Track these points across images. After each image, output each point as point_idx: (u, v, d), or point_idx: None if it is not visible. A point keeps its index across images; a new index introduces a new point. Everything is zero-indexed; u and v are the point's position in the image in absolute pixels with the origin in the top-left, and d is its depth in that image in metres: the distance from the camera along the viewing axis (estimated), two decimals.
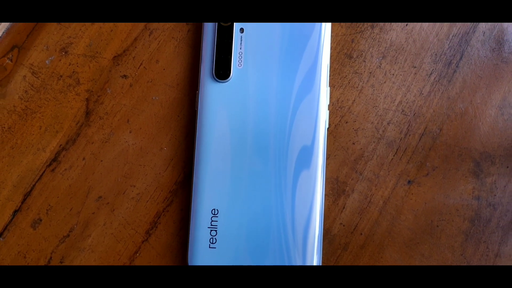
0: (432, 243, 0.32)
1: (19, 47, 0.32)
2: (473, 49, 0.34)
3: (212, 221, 0.31)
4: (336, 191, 0.32)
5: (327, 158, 0.32)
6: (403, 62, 0.33)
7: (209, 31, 0.32)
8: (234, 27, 0.32)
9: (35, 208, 0.31)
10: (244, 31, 0.32)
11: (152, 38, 0.33)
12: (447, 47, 0.34)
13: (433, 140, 0.33)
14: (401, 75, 0.33)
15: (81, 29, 0.33)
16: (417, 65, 0.33)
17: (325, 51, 0.32)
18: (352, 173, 0.32)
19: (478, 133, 0.33)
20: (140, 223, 0.32)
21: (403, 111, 0.33)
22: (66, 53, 0.33)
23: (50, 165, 0.32)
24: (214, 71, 0.31)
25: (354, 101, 0.33)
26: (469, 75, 0.33)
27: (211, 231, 0.30)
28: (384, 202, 0.32)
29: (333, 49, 0.33)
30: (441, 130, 0.33)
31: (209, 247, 0.30)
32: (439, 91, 0.33)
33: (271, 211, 0.30)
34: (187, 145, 0.32)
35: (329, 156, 0.32)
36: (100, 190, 0.32)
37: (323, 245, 0.32)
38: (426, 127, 0.33)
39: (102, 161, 0.32)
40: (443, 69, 0.33)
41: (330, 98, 0.33)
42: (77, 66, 0.33)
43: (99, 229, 0.31)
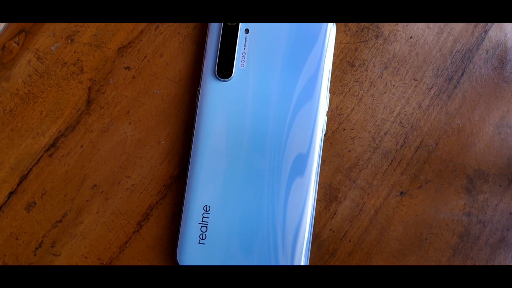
0: (419, 255, 0.32)
1: (26, 32, 0.33)
2: (475, 67, 0.34)
3: (203, 217, 0.31)
4: (328, 197, 0.33)
5: (322, 163, 0.33)
6: (404, 74, 0.33)
7: (215, 29, 0.32)
8: (239, 27, 0.32)
9: (30, 191, 0.32)
10: (249, 32, 0.32)
11: (158, 32, 0.33)
12: (449, 62, 0.34)
13: (429, 153, 0.33)
14: (401, 86, 0.33)
15: None
16: (418, 78, 0.33)
17: (328, 58, 0.32)
18: (345, 180, 0.33)
19: (473, 150, 0.33)
20: (132, 214, 0.32)
21: (401, 122, 0.33)
22: (72, 40, 0.33)
23: (48, 150, 0.32)
24: (216, 69, 0.32)
25: (353, 109, 0.33)
26: (469, 92, 0.34)
27: (202, 227, 0.31)
28: (375, 211, 0.33)
29: (336, 56, 0.33)
30: (437, 144, 0.33)
31: (199, 243, 0.31)
32: (438, 106, 0.33)
33: (263, 212, 0.31)
34: (184, 141, 0.33)
35: (324, 162, 0.33)
36: (95, 178, 0.32)
37: (312, 250, 0.32)
38: (422, 140, 0.33)
39: (99, 150, 0.32)
40: (443, 84, 0.34)
41: (329, 104, 0.33)
42: (82, 54, 0.33)
43: (92, 216, 0.32)
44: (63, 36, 0.33)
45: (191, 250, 0.31)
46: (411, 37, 0.34)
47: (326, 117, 0.32)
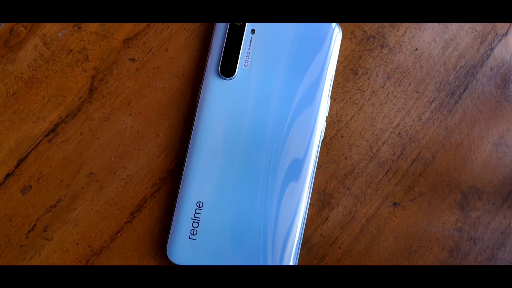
0: None
1: None
2: (478, 83, 0.34)
3: (195, 213, 0.31)
4: (321, 202, 0.33)
5: (317, 169, 0.33)
6: (407, 85, 0.34)
7: (221, 27, 0.32)
8: (246, 27, 0.32)
9: (27, 174, 0.32)
10: (255, 33, 0.32)
11: (164, 26, 0.34)
12: (452, 77, 0.34)
13: (425, 166, 0.33)
14: (403, 98, 0.33)
15: None
16: (420, 90, 0.34)
17: (332, 64, 0.32)
18: (340, 187, 0.33)
19: (470, 166, 0.33)
20: (126, 204, 0.32)
21: (399, 133, 0.33)
22: (79, 28, 0.33)
23: (47, 135, 0.32)
24: (219, 67, 0.32)
25: (353, 116, 0.33)
26: (470, 108, 0.34)
27: (193, 222, 0.31)
28: (367, 220, 0.33)
29: (340, 62, 0.33)
30: (434, 158, 0.33)
31: (189, 238, 0.31)
32: (438, 120, 0.33)
33: (255, 212, 0.31)
34: (183, 136, 0.33)
35: (320, 167, 0.33)
36: (92, 166, 0.32)
37: (301, 253, 0.32)
38: (419, 153, 0.33)
39: (98, 138, 0.33)
40: (445, 98, 0.34)
41: (329, 110, 0.33)
42: (88, 43, 0.33)
43: (86, 204, 0.32)
44: (70, 23, 0.33)
45: (181, 244, 0.31)
46: (416, 49, 0.34)
47: (325, 123, 0.32)
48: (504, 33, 0.34)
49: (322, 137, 0.32)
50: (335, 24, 0.32)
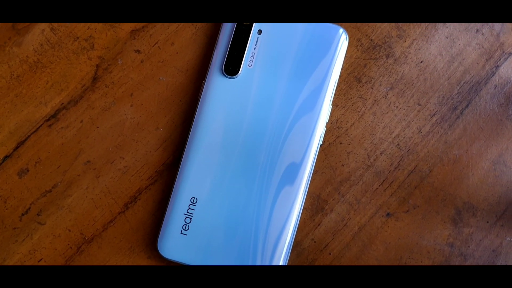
0: None
1: None
2: (481, 100, 0.34)
3: (189, 208, 0.31)
4: (315, 207, 0.33)
5: (314, 173, 0.33)
6: (409, 97, 0.34)
7: (228, 26, 0.33)
8: (253, 27, 0.32)
9: (25, 158, 0.32)
10: (261, 33, 0.32)
11: None
12: (456, 92, 0.34)
13: (421, 179, 0.33)
14: (404, 109, 0.33)
15: None
16: (422, 103, 0.34)
17: (336, 70, 0.32)
18: (334, 193, 0.33)
19: (466, 183, 0.33)
20: (121, 194, 0.32)
21: (398, 144, 0.33)
22: None
23: (48, 120, 0.33)
24: (224, 65, 0.32)
25: (353, 124, 0.33)
26: (471, 124, 0.34)
27: (186, 218, 0.31)
28: (359, 228, 0.33)
29: (344, 69, 0.33)
30: (431, 171, 0.33)
31: (181, 233, 0.31)
32: (438, 133, 0.33)
33: (248, 212, 0.31)
34: (182, 131, 0.33)
35: (317, 172, 0.33)
36: (90, 154, 0.32)
37: (291, 256, 0.32)
38: (417, 165, 0.33)
39: (98, 127, 0.33)
40: (447, 112, 0.33)
41: (330, 116, 0.33)
42: (95, 31, 0.33)
43: (81, 191, 0.32)
44: None
45: (172, 239, 0.31)
46: (421, 62, 0.34)
47: (325, 128, 0.32)
48: (511, 51, 0.34)
49: (320, 142, 0.32)
50: (342, 30, 0.32)
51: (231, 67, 0.32)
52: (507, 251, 0.33)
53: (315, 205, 0.33)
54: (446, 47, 0.34)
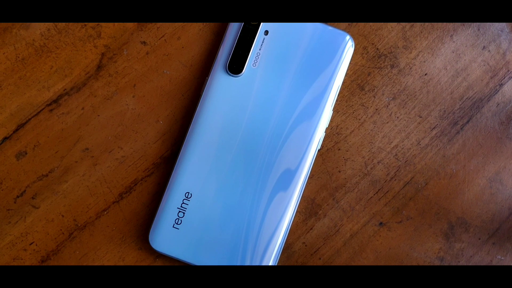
0: None
1: None
2: (482, 117, 0.34)
3: (183, 203, 0.31)
4: (309, 211, 0.33)
5: (310, 177, 0.33)
6: (411, 108, 0.34)
7: (235, 24, 0.33)
8: (260, 27, 0.32)
9: (24, 140, 0.32)
10: (268, 34, 0.32)
11: None
12: (457, 107, 0.34)
13: (416, 191, 0.33)
14: (405, 120, 0.33)
15: None
16: (423, 115, 0.34)
17: (340, 76, 0.32)
18: (329, 198, 0.33)
19: (461, 198, 0.33)
20: (116, 184, 0.33)
21: (396, 155, 0.33)
22: None
23: (50, 104, 0.33)
24: (228, 63, 0.32)
25: (352, 131, 0.33)
26: (471, 140, 0.34)
27: (179, 212, 0.31)
28: (351, 235, 0.33)
29: (348, 76, 0.34)
30: (426, 184, 0.33)
31: (173, 227, 0.31)
32: (437, 147, 0.33)
33: (241, 210, 0.31)
34: (182, 125, 0.33)
35: (313, 176, 0.33)
36: (88, 142, 0.33)
37: (280, 258, 0.32)
38: (413, 177, 0.33)
39: (99, 115, 0.33)
40: (447, 127, 0.34)
41: (330, 122, 0.33)
42: None
43: (77, 178, 0.32)
44: None
45: (164, 232, 0.31)
46: (426, 74, 0.34)
47: (324, 133, 0.32)
48: None
49: (319, 147, 0.32)
50: (349, 37, 0.32)
51: (235, 66, 0.32)
52: None
53: (309, 209, 0.33)
54: (451, 62, 0.34)
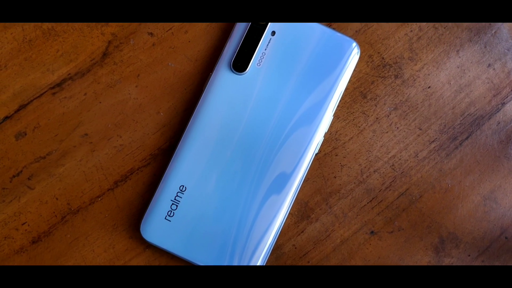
0: None
1: None
2: (482, 134, 0.34)
3: (177, 195, 0.31)
4: (301, 214, 0.33)
5: (305, 181, 0.33)
6: (411, 120, 0.34)
7: (243, 23, 0.33)
8: (267, 27, 0.32)
9: (25, 121, 0.33)
10: (275, 34, 0.33)
11: None
12: (458, 122, 0.34)
13: (410, 203, 0.33)
14: (404, 131, 0.34)
15: None
16: (423, 128, 0.34)
17: (343, 82, 0.32)
18: (322, 203, 0.33)
19: (454, 213, 0.33)
20: (112, 172, 0.33)
21: (393, 165, 0.33)
22: None
23: (53, 88, 0.33)
24: (233, 61, 0.32)
25: (351, 138, 0.33)
26: (469, 156, 0.34)
27: (172, 204, 0.31)
28: (341, 241, 0.33)
29: (351, 83, 0.34)
30: (421, 196, 0.33)
31: (165, 218, 0.31)
32: (434, 161, 0.33)
33: (234, 208, 0.31)
34: (182, 119, 0.33)
35: (308, 179, 0.33)
36: (88, 128, 0.33)
37: (269, 259, 0.32)
38: (408, 189, 0.33)
39: (100, 102, 0.33)
40: (446, 141, 0.34)
41: (330, 127, 0.33)
42: None
43: (74, 163, 0.33)
44: None
45: (156, 223, 0.31)
46: (429, 87, 0.34)
47: (323, 138, 0.32)
48: None
49: (316, 151, 0.32)
50: (355, 44, 0.32)
51: (240, 63, 0.32)
52: None
53: (302, 212, 0.33)
54: (455, 77, 0.34)
